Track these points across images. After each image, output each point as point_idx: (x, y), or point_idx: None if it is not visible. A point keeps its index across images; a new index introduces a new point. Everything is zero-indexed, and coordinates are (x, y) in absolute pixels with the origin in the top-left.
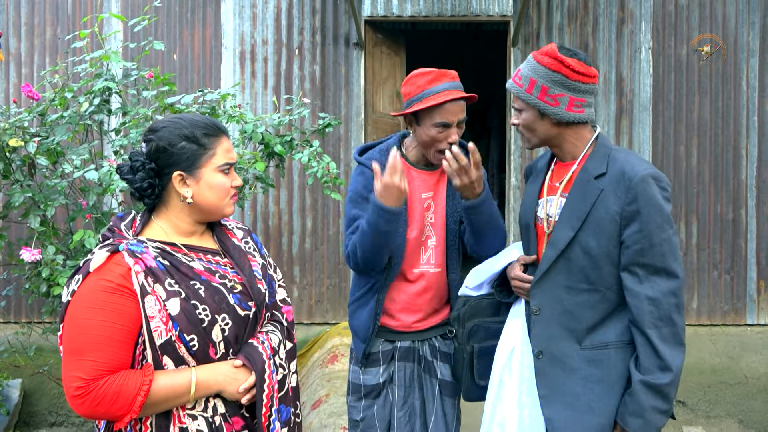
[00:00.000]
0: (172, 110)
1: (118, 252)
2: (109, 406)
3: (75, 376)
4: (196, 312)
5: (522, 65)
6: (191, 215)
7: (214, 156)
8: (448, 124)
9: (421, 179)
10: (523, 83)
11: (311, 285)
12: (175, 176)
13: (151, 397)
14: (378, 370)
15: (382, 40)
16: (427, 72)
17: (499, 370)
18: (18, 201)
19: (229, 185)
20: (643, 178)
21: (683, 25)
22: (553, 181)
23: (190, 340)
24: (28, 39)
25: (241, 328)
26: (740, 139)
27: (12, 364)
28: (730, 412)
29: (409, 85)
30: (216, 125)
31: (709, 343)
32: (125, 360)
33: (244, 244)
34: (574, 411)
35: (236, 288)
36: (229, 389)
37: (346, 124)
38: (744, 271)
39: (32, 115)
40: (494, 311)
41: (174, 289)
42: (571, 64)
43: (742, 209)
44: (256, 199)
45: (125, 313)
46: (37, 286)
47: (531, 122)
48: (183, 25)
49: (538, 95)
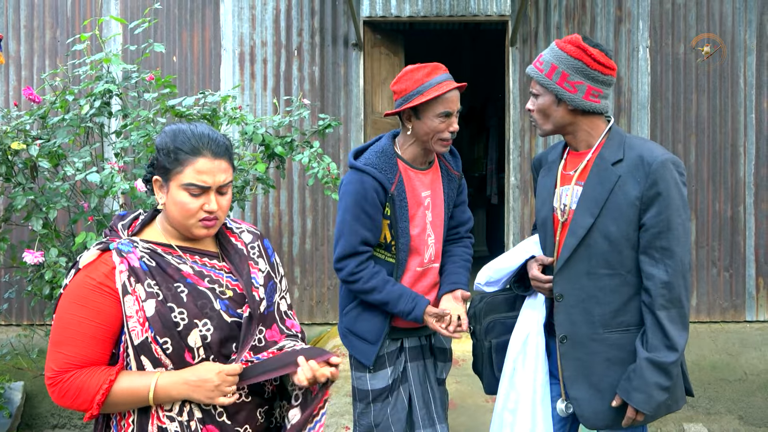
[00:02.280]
0: (173, 112)
1: (109, 250)
2: (73, 400)
3: (49, 366)
4: (171, 315)
5: (544, 52)
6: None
7: (180, 174)
8: (450, 113)
9: (419, 179)
10: (544, 68)
11: (312, 286)
12: (155, 179)
13: (111, 397)
14: (386, 372)
15: (380, 41)
16: (422, 66)
17: (512, 357)
18: (20, 204)
19: (193, 207)
20: (662, 163)
21: (681, 24)
22: (567, 170)
23: (164, 343)
24: (27, 42)
25: (227, 334)
26: (738, 137)
27: (15, 366)
28: (730, 408)
29: (403, 81)
30: (195, 145)
31: (708, 340)
32: (98, 357)
33: (249, 248)
34: (598, 390)
35: (226, 293)
36: (195, 396)
37: (345, 125)
38: (743, 268)
39: (33, 118)
40: (510, 307)
41: (152, 290)
42: (593, 54)
43: (740, 206)
44: (257, 200)
45: (104, 311)
46: (39, 289)
47: (547, 107)
48: (182, 26)
49: (558, 81)
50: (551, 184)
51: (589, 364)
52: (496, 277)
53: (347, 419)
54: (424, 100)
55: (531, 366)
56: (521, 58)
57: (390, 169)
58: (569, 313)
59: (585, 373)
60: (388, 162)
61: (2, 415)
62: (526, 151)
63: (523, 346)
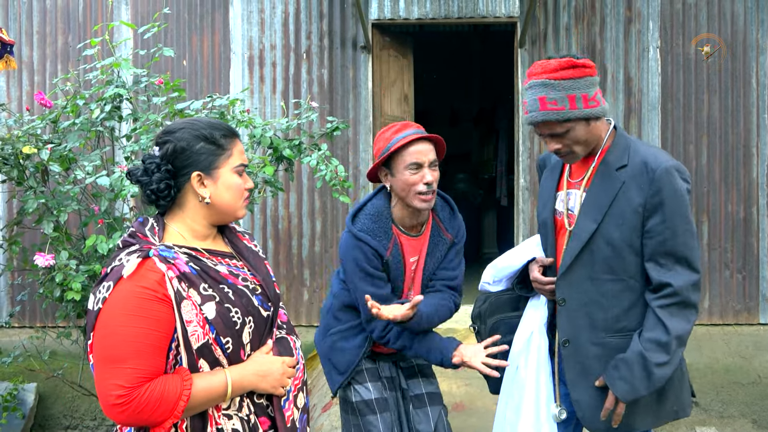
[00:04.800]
0: (182, 116)
1: (149, 258)
2: (151, 413)
3: (115, 384)
4: (230, 315)
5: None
6: (207, 217)
7: (231, 157)
8: (419, 164)
9: (410, 244)
10: (563, 104)
11: (321, 288)
12: (194, 176)
13: (192, 400)
14: (368, 386)
15: (389, 43)
16: (392, 125)
17: (516, 355)
18: (32, 207)
19: (243, 186)
20: (666, 170)
21: (691, 24)
22: (573, 178)
23: (226, 343)
24: (40, 47)
25: (262, 329)
26: (751, 138)
27: (27, 368)
28: (743, 412)
29: (377, 142)
30: (230, 128)
31: (721, 343)
32: (161, 366)
33: (254, 246)
34: (599, 394)
35: (257, 290)
36: (262, 386)
37: (354, 128)
38: (756, 270)
39: (45, 122)
40: (514, 306)
41: (209, 293)
42: (588, 63)
43: (753, 208)
44: (266, 202)
45: (162, 319)
46: (50, 291)
47: (582, 135)
48: (192, 31)
49: (584, 105)
50: (553, 187)
51: (591, 367)
52: (500, 275)
53: None
54: (390, 153)
55: (534, 365)
56: (530, 60)
57: (385, 234)
58: (571, 317)
59: (586, 376)
60: (382, 227)
61: (15, 416)
62: (535, 152)
63: (526, 345)
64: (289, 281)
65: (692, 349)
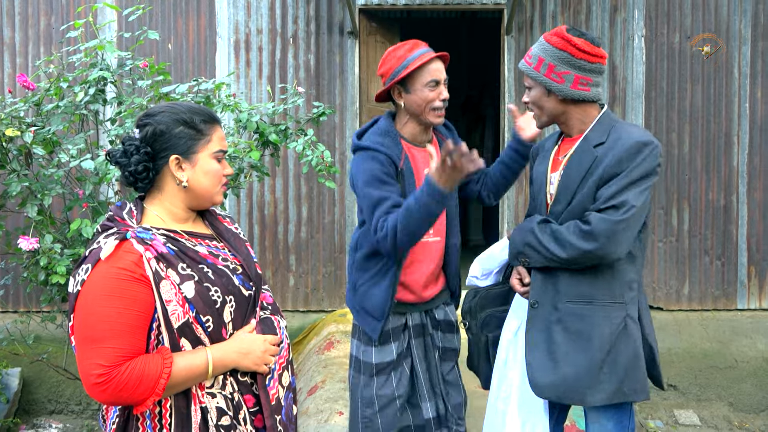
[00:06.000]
0: (167, 99)
1: (126, 240)
2: (132, 391)
3: (95, 363)
4: (209, 294)
5: (534, 45)
6: (185, 201)
7: (210, 142)
8: (437, 81)
9: (421, 156)
10: (532, 62)
11: (307, 273)
12: (172, 160)
13: (173, 379)
14: (391, 347)
15: (376, 29)
16: (403, 44)
17: (504, 346)
18: (15, 190)
19: (221, 172)
20: (635, 144)
21: (676, 13)
22: (558, 156)
23: (206, 321)
24: (22, 29)
25: (244, 308)
26: (732, 126)
27: (11, 352)
28: (720, 395)
29: (387, 61)
30: (211, 114)
31: (700, 328)
32: (141, 345)
33: (235, 228)
34: (551, 359)
35: (238, 270)
36: (244, 363)
37: (340, 113)
38: (735, 257)
39: (28, 105)
40: (503, 300)
41: (187, 272)
42: (577, 43)
43: (733, 195)
44: (252, 188)
45: (139, 299)
46: (35, 275)
47: (539, 99)
48: (177, 14)
49: (545, 72)
50: (544, 172)
51: (550, 331)
52: (488, 269)
53: (341, 404)
54: (410, 71)
55: (521, 356)
56: (517, 47)
57: (396, 146)
58: (542, 281)
59: (543, 340)
60: (392, 141)
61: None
62: None
63: (515, 337)
64: (275, 266)
65: (672, 334)
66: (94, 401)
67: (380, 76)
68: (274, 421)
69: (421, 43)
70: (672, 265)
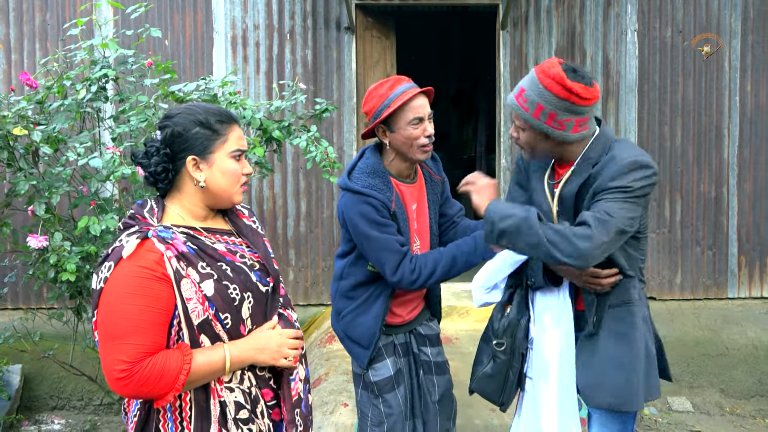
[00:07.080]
0: (173, 97)
1: (148, 239)
2: (153, 386)
3: (118, 359)
4: (228, 291)
5: (525, 85)
6: (203, 200)
7: (226, 142)
8: (420, 118)
9: (409, 192)
10: (529, 107)
11: (306, 267)
12: (189, 160)
13: (192, 374)
14: (387, 362)
15: (372, 24)
16: (385, 81)
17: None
18: (23, 189)
19: (239, 172)
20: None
21: (668, 8)
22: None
23: (225, 318)
24: (17, 25)
25: (262, 304)
26: (723, 119)
27: (17, 349)
28: (712, 382)
29: (370, 100)
30: (228, 114)
31: (692, 317)
32: (162, 341)
33: (252, 223)
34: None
35: (255, 266)
36: (261, 358)
37: (338, 108)
38: (725, 247)
39: (31, 103)
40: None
41: (207, 271)
42: (579, 92)
43: (723, 187)
44: (251, 183)
45: (161, 297)
46: (43, 273)
47: (533, 142)
48: (174, 10)
49: (545, 121)
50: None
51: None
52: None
53: (345, 396)
54: (392, 110)
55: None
56: (512, 42)
57: (386, 187)
58: None
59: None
60: (382, 181)
61: (1, 397)
62: None
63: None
64: None
65: (664, 323)
66: (96, 397)
67: (365, 114)
68: (294, 415)
69: (403, 79)
70: (665, 256)
